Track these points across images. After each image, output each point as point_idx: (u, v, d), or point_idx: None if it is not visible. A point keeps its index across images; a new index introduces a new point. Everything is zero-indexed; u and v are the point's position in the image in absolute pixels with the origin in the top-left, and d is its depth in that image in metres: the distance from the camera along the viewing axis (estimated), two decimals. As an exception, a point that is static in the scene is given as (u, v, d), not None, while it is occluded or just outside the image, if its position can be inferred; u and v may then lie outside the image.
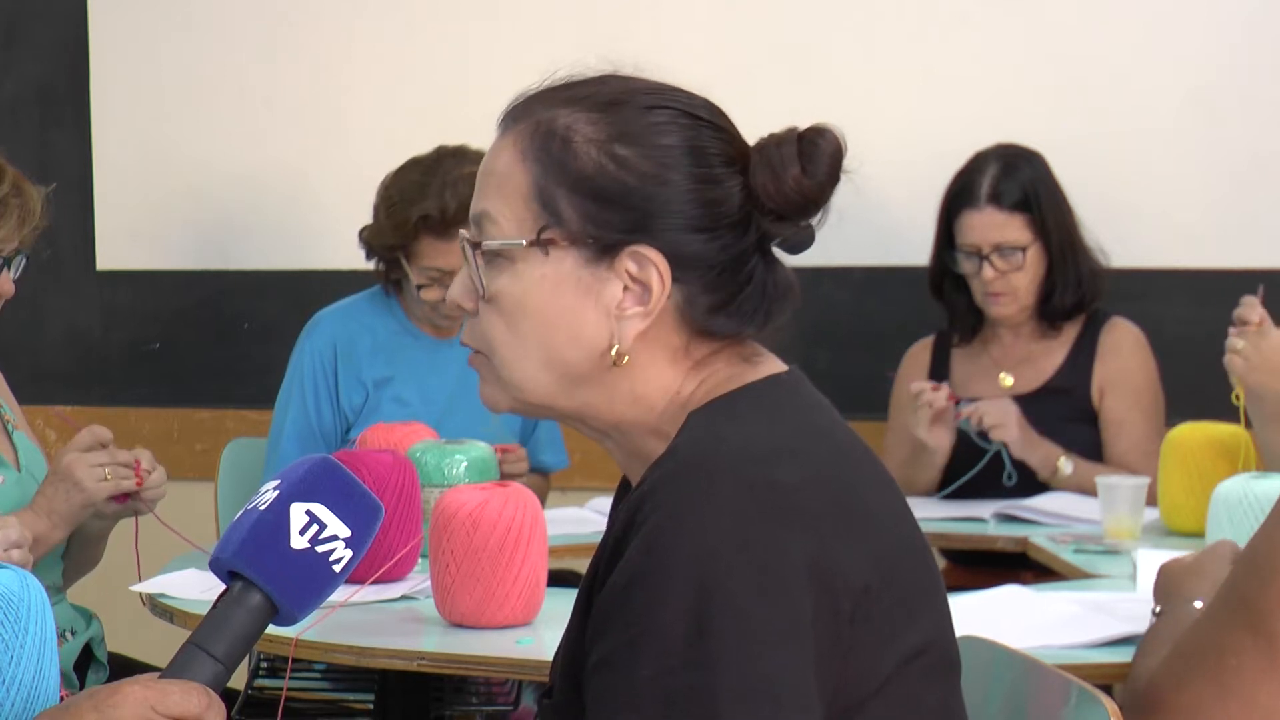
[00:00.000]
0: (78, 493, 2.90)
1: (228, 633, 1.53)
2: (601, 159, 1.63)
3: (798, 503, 1.53)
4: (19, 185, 3.00)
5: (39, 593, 1.57)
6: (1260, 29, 4.22)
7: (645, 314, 1.63)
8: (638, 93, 1.67)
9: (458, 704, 3.56)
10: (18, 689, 1.53)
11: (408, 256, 3.72)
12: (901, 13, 4.37)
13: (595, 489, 4.03)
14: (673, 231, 1.63)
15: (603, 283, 1.63)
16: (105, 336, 4.76)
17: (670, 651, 1.48)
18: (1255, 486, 3.01)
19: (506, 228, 1.65)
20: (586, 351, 1.64)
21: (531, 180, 1.64)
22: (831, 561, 1.52)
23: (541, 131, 1.65)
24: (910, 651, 1.58)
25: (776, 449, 1.57)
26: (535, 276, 1.64)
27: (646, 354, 1.65)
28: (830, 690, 1.52)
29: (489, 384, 1.69)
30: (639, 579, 1.51)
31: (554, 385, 1.66)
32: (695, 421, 1.62)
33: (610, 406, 1.66)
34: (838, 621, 1.52)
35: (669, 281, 1.62)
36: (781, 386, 1.66)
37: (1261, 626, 1.56)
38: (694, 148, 1.64)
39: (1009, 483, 3.83)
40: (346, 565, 1.56)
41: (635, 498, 1.55)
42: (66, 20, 4.73)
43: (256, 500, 1.55)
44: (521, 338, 1.65)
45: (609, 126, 1.64)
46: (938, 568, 1.66)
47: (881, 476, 1.65)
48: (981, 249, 3.89)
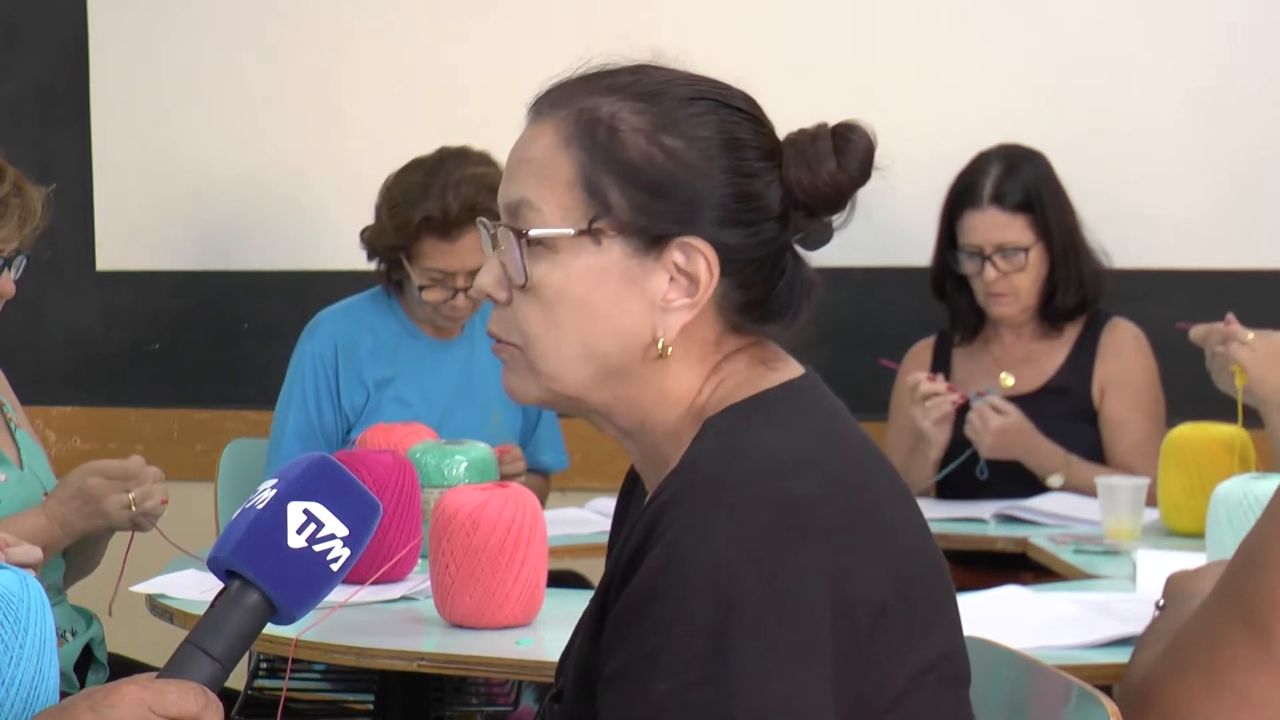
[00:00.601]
0: (99, 518, 2.93)
1: (225, 632, 1.53)
2: (650, 149, 1.62)
3: (816, 518, 1.52)
4: (20, 185, 3.00)
5: (39, 593, 1.57)
6: (1260, 29, 4.22)
7: (691, 306, 1.62)
8: (677, 83, 1.66)
9: (458, 704, 3.57)
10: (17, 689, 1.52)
11: (409, 257, 3.72)
12: (902, 13, 4.37)
13: (595, 489, 4.02)
14: (716, 224, 1.62)
15: (648, 274, 1.62)
16: (105, 336, 4.76)
17: (688, 666, 1.47)
18: (1255, 487, 3.01)
19: (550, 216, 1.62)
20: (627, 343, 1.63)
21: (577, 167, 1.62)
22: (849, 577, 1.52)
23: (586, 119, 1.63)
24: (925, 665, 1.57)
25: (794, 462, 1.56)
26: (581, 266, 1.62)
27: (683, 348, 1.63)
28: (847, 705, 1.52)
29: (517, 374, 1.67)
30: (657, 593, 1.50)
31: (590, 377, 1.64)
32: (713, 430, 1.61)
33: (640, 402, 1.65)
34: (855, 637, 1.52)
35: (717, 273, 1.62)
36: (798, 393, 1.65)
37: (1255, 620, 1.57)
38: (734, 140, 1.64)
39: (981, 476, 3.83)
40: (344, 564, 1.56)
41: (654, 509, 1.54)
42: (66, 20, 4.73)
43: (254, 499, 1.55)
44: (560, 328, 1.63)
45: (654, 117, 1.63)
46: (950, 578, 1.65)
47: (897, 486, 1.65)
48: (984, 249, 3.89)
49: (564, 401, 1.67)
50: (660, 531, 1.51)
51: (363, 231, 3.81)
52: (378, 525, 1.59)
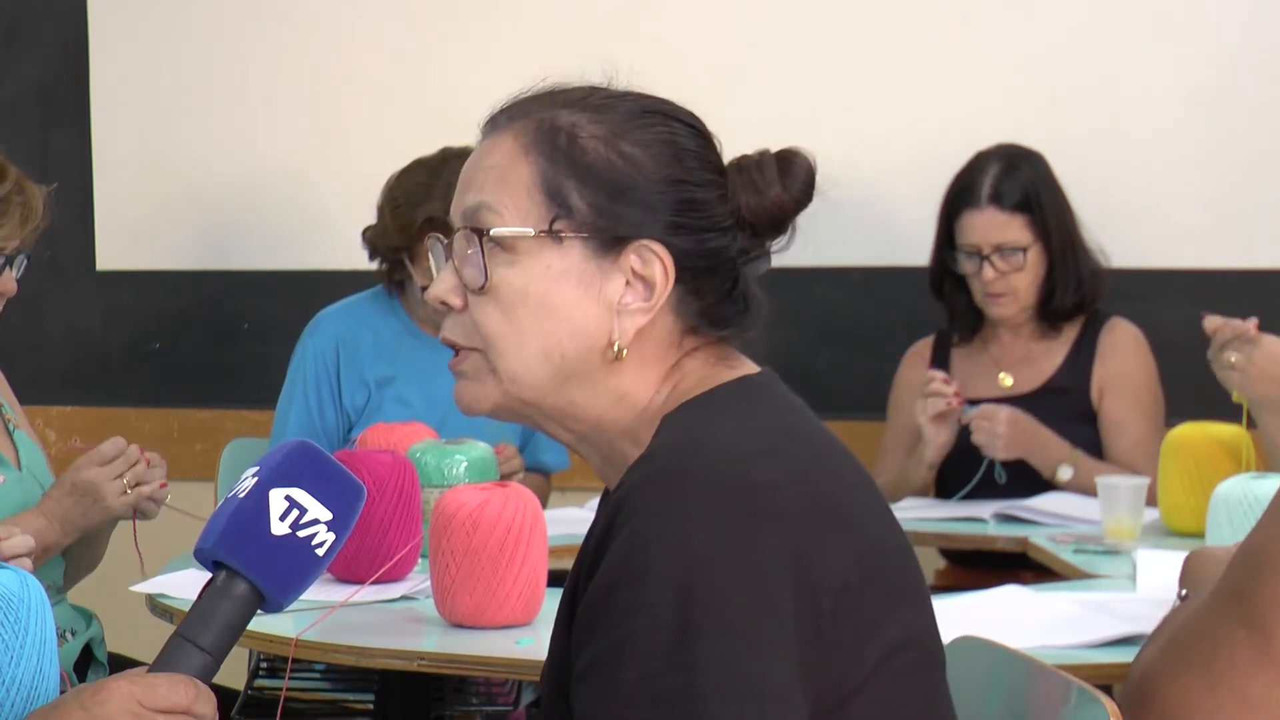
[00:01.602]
0: (98, 510, 2.92)
1: (214, 623, 1.52)
2: (609, 154, 1.65)
3: (774, 502, 1.54)
4: (21, 184, 3.00)
5: (39, 593, 1.57)
6: (1260, 29, 4.22)
7: (647, 309, 1.65)
8: (628, 98, 1.70)
9: (458, 704, 3.57)
10: (17, 689, 1.52)
11: (412, 257, 3.72)
12: (902, 13, 4.36)
13: (595, 489, 3.99)
14: (672, 230, 1.66)
15: (606, 277, 1.65)
16: (105, 336, 4.76)
17: (654, 654, 1.48)
18: (1255, 486, 3.01)
19: (510, 218, 1.66)
20: (584, 345, 1.65)
21: (537, 172, 1.66)
22: (810, 559, 1.53)
23: (545, 128, 1.67)
24: (893, 646, 1.58)
25: (752, 449, 1.58)
26: (540, 267, 1.65)
27: (638, 352, 1.66)
28: (815, 687, 1.53)
29: (476, 381, 1.69)
30: (620, 584, 1.51)
31: (547, 379, 1.66)
32: (670, 424, 1.63)
33: (595, 404, 1.67)
34: (819, 618, 1.53)
35: (673, 277, 1.65)
36: (755, 387, 1.68)
37: (1255, 620, 1.56)
38: (684, 150, 1.68)
39: (1000, 480, 3.83)
40: (330, 549, 1.55)
41: (614, 502, 1.57)
42: (66, 20, 4.73)
43: (237, 488, 1.55)
44: (519, 328, 1.66)
45: (611, 125, 1.67)
46: (918, 564, 1.67)
47: (858, 476, 1.66)
48: (982, 249, 3.89)
49: (519, 406, 1.69)
50: (621, 523, 1.53)
51: (364, 231, 3.81)
52: (362, 508, 1.58)
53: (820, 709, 1.54)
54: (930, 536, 3.69)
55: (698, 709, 1.47)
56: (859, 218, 4.15)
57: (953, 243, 3.93)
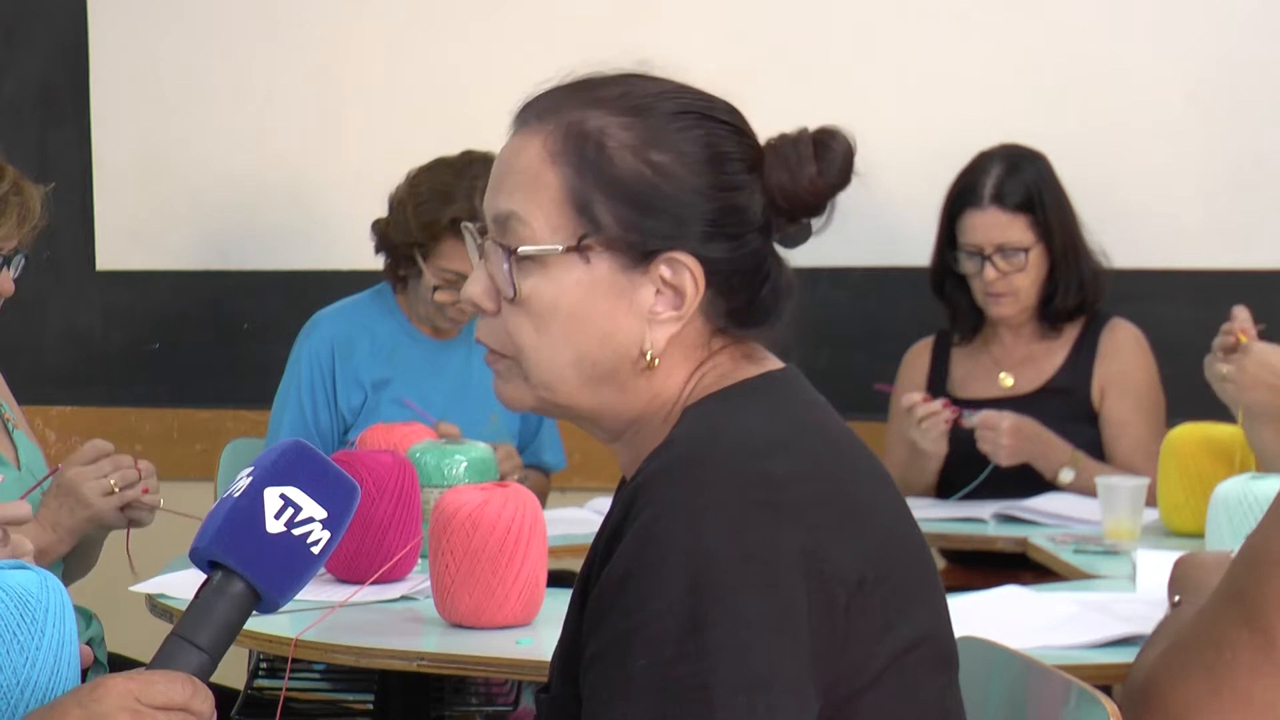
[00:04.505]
0: (82, 509, 2.91)
1: (211, 622, 1.52)
2: (639, 165, 1.64)
3: (790, 495, 1.54)
4: (19, 184, 3.00)
5: (60, 595, 1.56)
6: (1260, 29, 4.22)
7: (678, 318, 1.65)
8: (663, 96, 1.67)
9: (457, 704, 3.57)
10: (32, 691, 1.51)
11: (425, 255, 3.70)
12: (901, 13, 4.37)
13: (595, 489, 4.02)
14: (702, 239, 1.64)
15: (636, 287, 1.64)
16: (105, 336, 4.76)
17: (665, 642, 1.49)
18: (1254, 487, 3.01)
19: (539, 231, 1.65)
20: (617, 353, 1.65)
21: (565, 184, 1.64)
22: (825, 553, 1.53)
23: (574, 134, 1.65)
24: (906, 644, 1.58)
25: (770, 442, 1.58)
26: (570, 281, 1.64)
27: (669, 356, 1.66)
28: (827, 681, 1.53)
29: (511, 383, 1.70)
30: (633, 572, 1.52)
31: (581, 385, 1.66)
32: (690, 416, 1.64)
33: (629, 405, 1.67)
34: (832, 612, 1.53)
35: (703, 287, 1.64)
36: (777, 383, 1.68)
37: (1257, 622, 1.56)
38: (720, 154, 1.66)
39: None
40: (325, 547, 1.55)
41: (630, 490, 1.57)
42: (66, 20, 4.73)
43: (231, 488, 1.56)
44: (551, 339, 1.66)
45: (641, 131, 1.65)
46: (934, 563, 1.67)
47: (877, 472, 1.66)
48: (984, 249, 3.88)
49: (555, 409, 1.70)
50: (636, 512, 1.54)
51: (376, 223, 3.78)
52: (357, 507, 1.58)
53: (831, 703, 1.54)
54: (930, 536, 3.68)
55: (706, 698, 1.47)
56: (860, 218, 4.15)
57: (954, 242, 3.93)
